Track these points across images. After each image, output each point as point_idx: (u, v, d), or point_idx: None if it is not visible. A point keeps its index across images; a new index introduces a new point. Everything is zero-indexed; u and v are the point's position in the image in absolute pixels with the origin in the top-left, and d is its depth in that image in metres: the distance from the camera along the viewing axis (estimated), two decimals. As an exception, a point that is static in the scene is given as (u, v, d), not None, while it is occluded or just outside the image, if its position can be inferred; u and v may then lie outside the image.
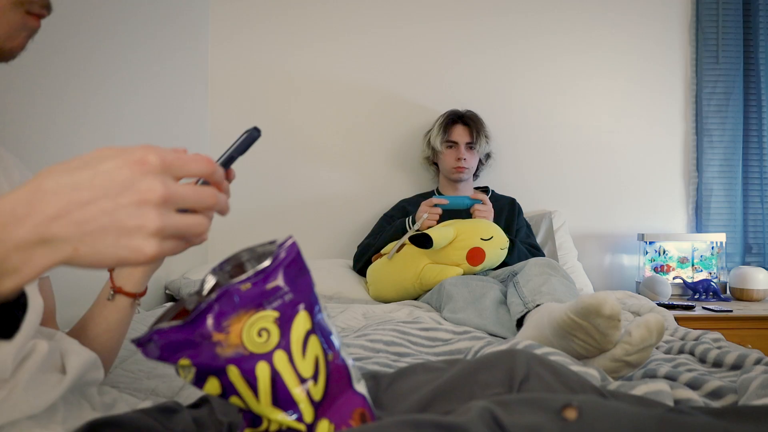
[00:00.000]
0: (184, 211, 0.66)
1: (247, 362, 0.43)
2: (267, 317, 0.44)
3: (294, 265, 0.46)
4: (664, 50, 2.38)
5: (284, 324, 0.45)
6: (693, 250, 2.28)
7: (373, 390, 0.63)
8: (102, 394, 0.69)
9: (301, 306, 0.46)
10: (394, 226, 1.91)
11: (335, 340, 0.49)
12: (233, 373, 0.43)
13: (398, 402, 0.60)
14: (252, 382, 0.44)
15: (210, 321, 0.43)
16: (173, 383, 0.90)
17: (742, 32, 2.33)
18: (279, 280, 0.45)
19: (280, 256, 0.45)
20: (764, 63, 2.29)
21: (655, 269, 2.27)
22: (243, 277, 0.44)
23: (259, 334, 0.44)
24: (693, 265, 2.27)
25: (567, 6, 2.36)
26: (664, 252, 2.27)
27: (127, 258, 0.39)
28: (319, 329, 0.47)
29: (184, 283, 1.77)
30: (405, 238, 1.72)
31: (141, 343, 0.43)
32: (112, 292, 0.76)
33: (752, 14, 2.31)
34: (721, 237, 2.24)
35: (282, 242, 0.47)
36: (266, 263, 0.45)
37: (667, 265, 2.27)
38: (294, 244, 0.47)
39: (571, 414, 0.42)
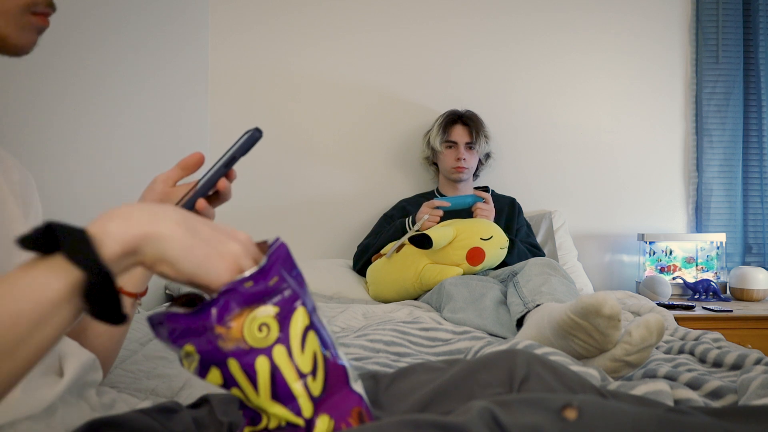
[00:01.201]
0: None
1: (246, 356, 0.44)
2: (268, 313, 0.45)
3: (287, 263, 0.48)
4: (664, 50, 2.38)
5: (283, 319, 0.46)
6: (700, 249, 2.27)
7: (373, 390, 0.63)
8: (101, 394, 0.69)
9: (299, 302, 0.47)
10: (393, 226, 1.91)
11: (331, 338, 0.50)
12: (233, 366, 0.44)
13: (398, 402, 0.60)
14: (252, 376, 0.45)
15: (214, 314, 0.44)
16: (173, 383, 0.90)
17: (742, 32, 2.32)
18: (278, 277, 0.47)
19: (273, 255, 0.47)
20: (764, 63, 2.29)
21: (661, 269, 2.27)
22: (246, 274, 0.45)
23: (260, 329, 0.45)
24: (697, 265, 2.27)
25: (567, 6, 2.36)
26: (670, 252, 2.27)
27: (215, 253, 0.44)
28: (315, 326, 0.48)
29: (184, 283, 1.76)
30: (405, 239, 1.72)
31: (153, 323, 0.46)
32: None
33: (752, 14, 2.31)
34: (721, 237, 2.24)
35: (273, 242, 0.49)
36: (263, 261, 0.46)
37: (673, 265, 2.27)
38: (283, 244, 0.49)
39: (571, 414, 0.42)
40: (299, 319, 0.47)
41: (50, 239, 0.39)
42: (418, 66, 2.36)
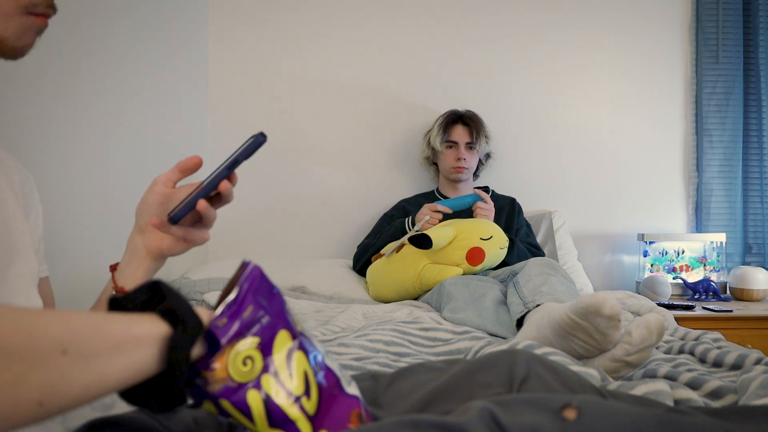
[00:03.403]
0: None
1: (236, 393, 0.44)
2: (249, 345, 0.45)
3: (262, 288, 0.47)
4: (664, 50, 2.38)
5: (266, 347, 0.45)
6: (712, 249, 2.27)
7: (373, 390, 0.63)
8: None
9: (279, 325, 0.47)
10: (393, 226, 1.91)
11: (319, 349, 0.50)
12: (226, 404, 0.44)
13: (398, 402, 0.60)
14: (246, 411, 0.44)
15: (199, 365, 0.44)
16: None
17: (742, 32, 2.32)
18: (253, 306, 0.45)
19: (245, 283, 0.46)
20: (764, 63, 2.29)
21: (673, 269, 2.27)
22: (217, 313, 0.44)
23: (244, 363, 0.44)
24: (705, 265, 2.27)
25: (567, 6, 2.36)
26: (682, 252, 2.27)
27: None
28: (301, 344, 0.48)
29: (184, 283, 1.77)
30: (405, 239, 1.72)
31: None
32: (113, 292, 0.76)
33: (752, 14, 2.31)
34: (721, 237, 2.24)
35: (243, 269, 0.48)
36: (233, 294, 0.45)
37: (685, 265, 2.27)
38: (255, 268, 0.48)
39: (570, 414, 0.42)
40: (282, 343, 0.46)
41: (148, 296, 0.44)
42: (418, 66, 2.36)
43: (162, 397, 0.42)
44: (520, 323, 1.22)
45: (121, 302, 0.43)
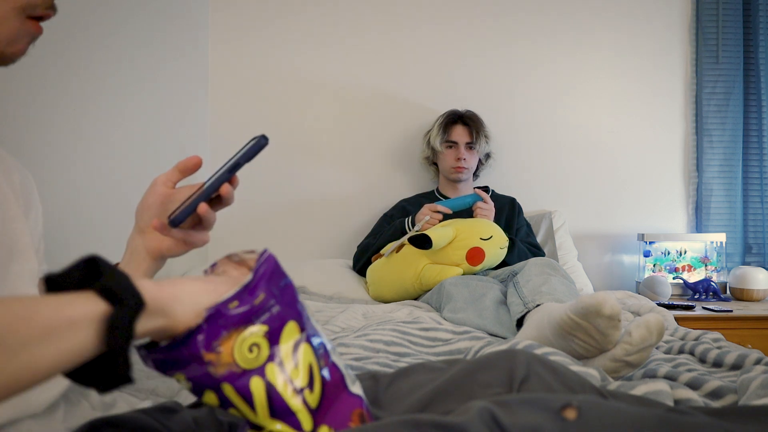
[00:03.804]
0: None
1: (240, 379, 0.44)
2: (257, 332, 0.44)
3: (275, 277, 0.47)
4: (664, 50, 2.38)
5: (273, 336, 0.45)
6: (712, 249, 2.27)
7: (373, 390, 0.63)
8: (102, 394, 0.69)
9: (288, 316, 0.47)
10: (393, 226, 1.91)
11: (326, 344, 0.50)
12: (228, 389, 0.44)
13: (398, 402, 0.60)
14: (248, 398, 0.44)
15: (200, 342, 0.43)
16: (173, 383, 0.91)
17: (742, 32, 2.32)
18: (264, 294, 0.45)
19: (259, 270, 0.46)
20: (764, 63, 2.29)
21: (675, 269, 2.27)
22: (229, 295, 0.44)
23: (250, 350, 0.44)
24: (707, 265, 2.27)
25: (567, 6, 2.36)
26: (684, 252, 2.27)
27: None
28: (308, 337, 0.48)
29: (184, 283, 1.77)
30: (404, 239, 1.72)
31: (139, 355, 0.45)
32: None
33: (752, 14, 2.31)
34: (721, 237, 2.24)
35: (259, 256, 0.47)
36: (247, 278, 0.45)
37: (687, 265, 2.27)
38: (270, 257, 0.47)
39: (570, 414, 0.42)
40: (289, 334, 0.46)
41: (84, 273, 0.40)
42: (418, 66, 2.36)
43: (106, 378, 0.40)
44: (520, 323, 1.22)
45: (57, 282, 0.40)
